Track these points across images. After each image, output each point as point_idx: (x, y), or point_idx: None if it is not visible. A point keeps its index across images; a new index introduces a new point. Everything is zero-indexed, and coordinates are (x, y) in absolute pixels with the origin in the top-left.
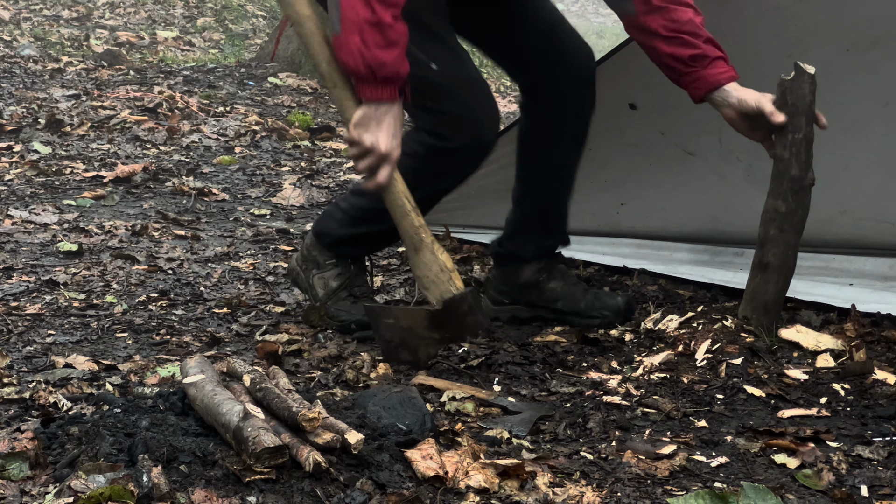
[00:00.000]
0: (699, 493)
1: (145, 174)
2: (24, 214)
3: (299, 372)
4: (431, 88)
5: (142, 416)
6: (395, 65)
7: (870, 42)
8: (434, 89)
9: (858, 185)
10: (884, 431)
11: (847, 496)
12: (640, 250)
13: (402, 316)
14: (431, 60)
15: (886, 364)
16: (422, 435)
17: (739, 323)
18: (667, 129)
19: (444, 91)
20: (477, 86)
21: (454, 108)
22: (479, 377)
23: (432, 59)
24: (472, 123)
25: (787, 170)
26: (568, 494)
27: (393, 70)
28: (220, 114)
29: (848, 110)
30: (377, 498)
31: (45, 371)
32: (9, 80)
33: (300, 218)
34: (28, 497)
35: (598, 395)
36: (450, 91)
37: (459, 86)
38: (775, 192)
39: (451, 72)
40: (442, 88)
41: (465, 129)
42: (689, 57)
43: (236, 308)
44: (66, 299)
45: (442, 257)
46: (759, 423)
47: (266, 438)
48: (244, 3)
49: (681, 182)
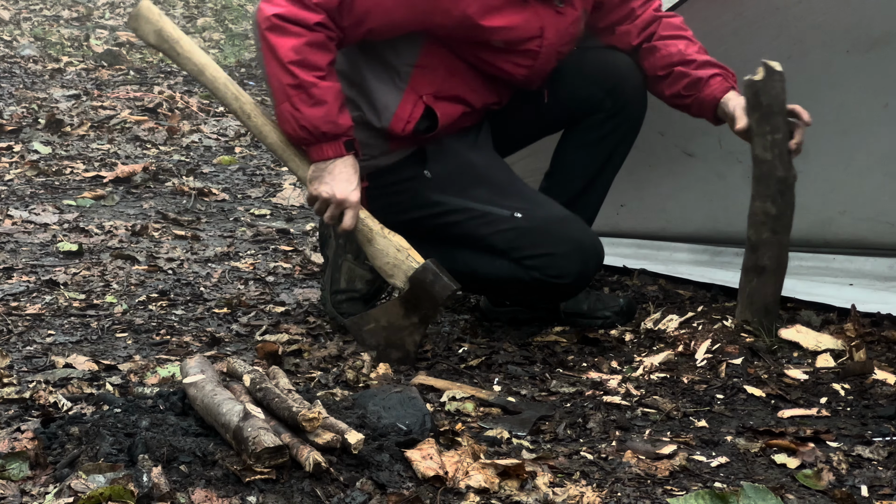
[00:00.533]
0: (699, 493)
1: (145, 174)
2: (24, 214)
3: (299, 372)
4: (527, 236)
5: (142, 416)
6: (328, 120)
7: (870, 43)
8: (530, 236)
9: (858, 185)
10: (884, 431)
11: (847, 496)
12: (640, 250)
13: (378, 316)
14: (513, 211)
15: (886, 364)
16: (422, 435)
17: (739, 323)
18: (667, 129)
19: (540, 234)
20: (570, 219)
21: (558, 246)
22: (479, 377)
23: (512, 209)
24: (580, 252)
25: (772, 171)
26: (568, 494)
27: (327, 126)
28: (220, 114)
29: (848, 111)
30: (377, 498)
31: (45, 371)
32: (9, 80)
33: (300, 218)
34: (28, 497)
35: (598, 395)
36: (546, 231)
37: (554, 223)
38: (762, 195)
39: (539, 212)
40: (538, 232)
41: (575, 261)
42: (684, 87)
43: (236, 308)
44: (66, 299)
45: (395, 238)
46: (759, 423)
47: (266, 438)
48: (244, 3)
49: (681, 182)
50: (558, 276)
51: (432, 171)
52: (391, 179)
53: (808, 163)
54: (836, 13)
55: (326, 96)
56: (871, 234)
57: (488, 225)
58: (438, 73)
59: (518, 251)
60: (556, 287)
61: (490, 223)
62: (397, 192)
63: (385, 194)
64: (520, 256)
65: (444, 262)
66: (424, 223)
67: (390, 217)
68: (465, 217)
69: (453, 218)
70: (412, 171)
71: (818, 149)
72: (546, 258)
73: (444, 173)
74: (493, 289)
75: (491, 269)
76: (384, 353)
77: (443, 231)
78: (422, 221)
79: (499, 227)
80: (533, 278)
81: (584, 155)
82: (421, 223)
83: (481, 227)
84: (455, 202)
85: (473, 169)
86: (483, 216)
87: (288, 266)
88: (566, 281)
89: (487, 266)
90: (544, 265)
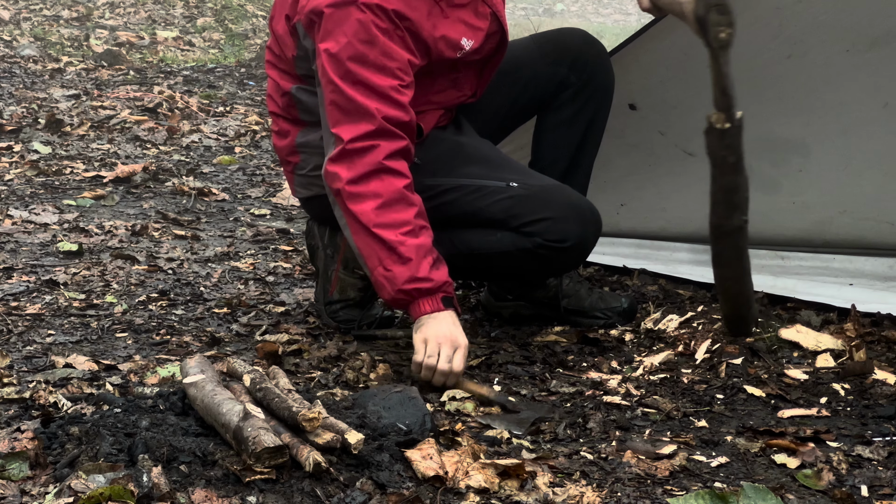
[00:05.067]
0: (699, 493)
1: (145, 174)
2: (24, 214)
3: (299, 372)
4: (524, 203)
5: (142, 416)
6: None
7: (869, 42)
8: (528, 203)
9: (858, 185)
10: (884, 431)
11: (847, 496)
12: (640, 250)
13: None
14: (507, 181)
15: (886, 364)
16: (422, 435)
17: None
18: (667, 129)
19: (537, 200)
20: (564, 186)
21: (557, 211)
22: (479, 377)
23: (506, 180)
24: (579, 215)
25: (710, 215)
26: (568, 494)
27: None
28: (220, 114)
29: (848, 110)
30: (377, 498)
31: (45, 371)
32: (9, 80)
33: (300, 218)
34: (28, 497)
35: (598, 395)
36: (543, 197)
37: (549, 190)
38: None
39: (534, 181)
40: (534, 199)
41: (574, 223)
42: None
43: (236, 308)
44: (66, 299)
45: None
46: (759, 423)
47: (266, 438)
48: (244, 3)
49: (681, 182)
50: (560, 240)
51: (421, 158)
52: None
53: (809, 162)
54: (836, 13)
55: (412, 254)
56: (871, 234)
57: (484, 197)
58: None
59: (517, 219)
60: (559, 252)
61: (486, 195)
62: None
63: None
64: (519, 224)
65: (444, 249)
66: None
67: None
68: (460, 194)
69: (448, 197)
70: None
71: (818, 149)
72: (546, 223)
73: (433, 157)
74: (497, 266)
75: (493, 243)
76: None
77: (439, 213)
78: None
79: (495, 197)
80: (535, 244)
81: (563, 134)
82: None
83: (477, 201)
84: (448, 182)
85: (462, 149)
86: (478, 190)
87: (288, 266)
88: (568, 244)
89: (489, 241)
90: (545, 230)
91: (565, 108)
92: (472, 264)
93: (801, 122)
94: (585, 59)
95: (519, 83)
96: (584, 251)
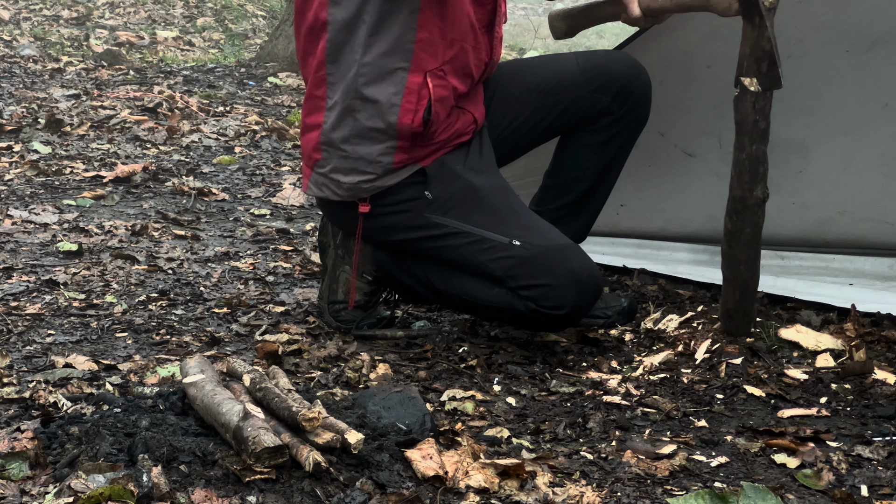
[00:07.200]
0: (699, 493)
1: (145, 174)
2: (24, 214)
3: (299, 372)
4: (524, 266)
5: (142, 416)
6: None
7: (869, 43)
8: (528, 265)
9: (858, 185)
10: (884, 431)
11: (847, 496)
12: (640, 250)
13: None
14: (511, 238)
15: (886, 364)
16: (422, 435)
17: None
18: (667, 129)
19: (537, 263)
20: (568, 248)
21: (556, 277)
22: (479, 377)
23: (511, 236)
24: (578, 284)
25: (731, 189)
26: (568, 494)
27: None
28: (220, 114)
29: (848, 111)
30: (377, 498)
31: (45, 371)
32: (9, 80)
33: (300, 218)
34: (28, 497)
35: (598, 394)
36: (544, 261)
37: (552, 252)
38: (727, 209)
39: (538, 241)
40: (535, 261)
41: (572, 293)
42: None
43: (236, 308)
44: (66, 299)
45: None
46: (759, 423)
47: (266, 438)
48: (244, 3)
49: (681, 183)
50: (555, 307)
51: (433, 193)
52: (393, 200)
53: (809, 163)
54: (836, 13)
55: None
56: (871, 234)
57: (486, 251)
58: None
59: (515, 280)
60: (551, 318)
61: (488, 249)
62: (398, 213)
63: (385, 214)
64: (516, 286)
65: (441, 283)
66: (423, 244)
67: (389, 237)
68: (464, 241)
69: (452, 241)
70: (413, 192)
71: (818, 149)
72: (543, 289)
73: (445, 195)
74: (490, 314)
75: (490, 296)
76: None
77: (441, 254)
78: (421, 242)
79: (497, 253)
80: (529, 309)
81: (591, 155)
82: (419, 244)
83: (479, 254)
84: (454, 225)
85: (474, 192)
86: (481, 241)
87: (288, 266)
88: (562, 312)
89: (486, 294)
90: (541, 296)
91: (601, 132)
92: (467, 307)
93: (801, 122)
94: (630, 90)
95: (558, 106)
96: (578, 318)
